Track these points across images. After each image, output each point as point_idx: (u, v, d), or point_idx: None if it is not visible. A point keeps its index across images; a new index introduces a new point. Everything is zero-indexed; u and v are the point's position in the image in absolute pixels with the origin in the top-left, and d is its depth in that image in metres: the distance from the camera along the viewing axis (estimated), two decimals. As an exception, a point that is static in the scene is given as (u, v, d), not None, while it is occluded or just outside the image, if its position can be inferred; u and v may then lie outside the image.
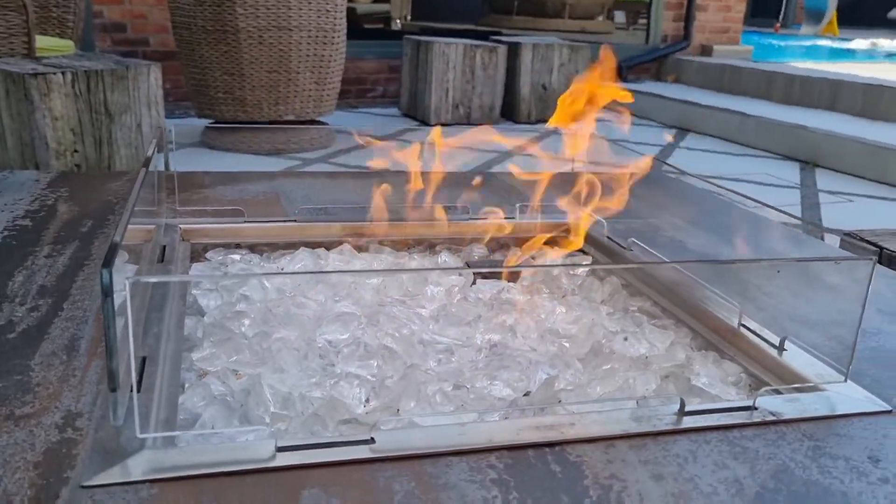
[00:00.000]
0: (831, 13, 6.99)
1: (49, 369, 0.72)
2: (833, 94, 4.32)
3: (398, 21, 6.26)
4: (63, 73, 2.51)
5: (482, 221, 1.21)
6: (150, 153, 0.88)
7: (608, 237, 1.16)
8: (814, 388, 0.76)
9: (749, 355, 0.86)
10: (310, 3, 3.42)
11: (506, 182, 1.53)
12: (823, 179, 3.19)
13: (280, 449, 0.61)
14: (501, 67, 4.23)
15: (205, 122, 3.53)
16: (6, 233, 1.04)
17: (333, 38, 3.51)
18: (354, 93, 4.44)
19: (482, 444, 0.64)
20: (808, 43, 6.42)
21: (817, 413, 0.72)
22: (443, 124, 4.15)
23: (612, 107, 1.06)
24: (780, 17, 7.41)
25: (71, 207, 1.15)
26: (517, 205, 1.24)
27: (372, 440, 0.63)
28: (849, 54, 5.90)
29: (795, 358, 0.82)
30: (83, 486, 0.56)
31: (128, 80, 2.78)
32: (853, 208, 2.72)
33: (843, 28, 7.22)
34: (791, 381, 0.79)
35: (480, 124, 3.89)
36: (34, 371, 0.72)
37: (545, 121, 4.31)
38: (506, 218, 1.21)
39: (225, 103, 3.42)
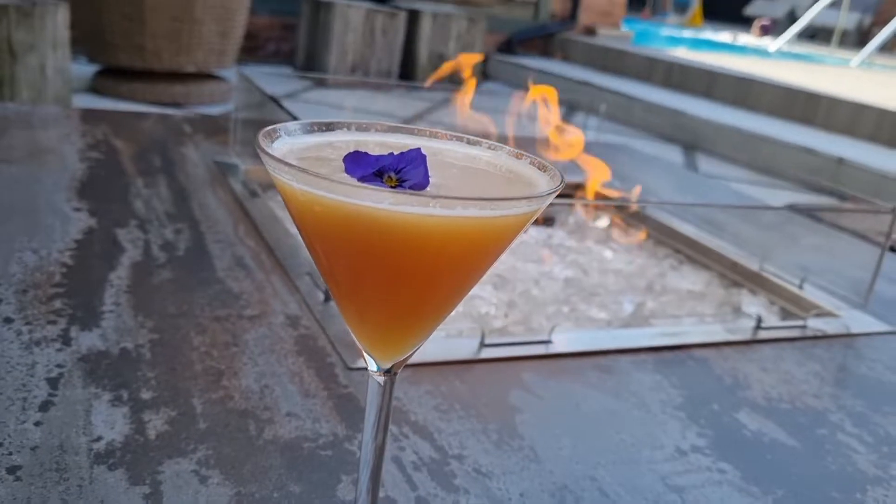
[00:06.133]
0: (696, 5, 7.63)
1: (238, 281, 0.83)
2: (709, 83, 4.79)
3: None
4: (-35, 6, 2.43)
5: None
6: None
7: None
8: (831, 315, 1.00)
9: (773, 292, 1.10)
10: (221, -51, 3.42)
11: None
12: (703, 162, 3.59)
13: (484, 346, 0.77)
14: (401, 33, 4.38)
15: (91, 67, 3.45)
16: (88, 164, 1.10)
17: (240, -11, 3.53)
18: (245, 49, 4.43)
19: (631, 346, 0.83)
20: (682, 33, 7.00)
21: (849, 331, 0.97)
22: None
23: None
24: (650, 4, 8.01)
25: (127, 144, 1.22)
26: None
27: (550, 341, 0.80)
28: (716, 45, 6.50)
29: (813, 293, 1.06)
30: (350, 368, 0.70)
31: (34, 18, 2.70)
32: (735, 189, 3.08)
33: (706, 21, 7.91)
34: (810, 309, 1.03)
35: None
36: (227, 283, 0.83)
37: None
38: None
39: (122, 50, 3.36)
